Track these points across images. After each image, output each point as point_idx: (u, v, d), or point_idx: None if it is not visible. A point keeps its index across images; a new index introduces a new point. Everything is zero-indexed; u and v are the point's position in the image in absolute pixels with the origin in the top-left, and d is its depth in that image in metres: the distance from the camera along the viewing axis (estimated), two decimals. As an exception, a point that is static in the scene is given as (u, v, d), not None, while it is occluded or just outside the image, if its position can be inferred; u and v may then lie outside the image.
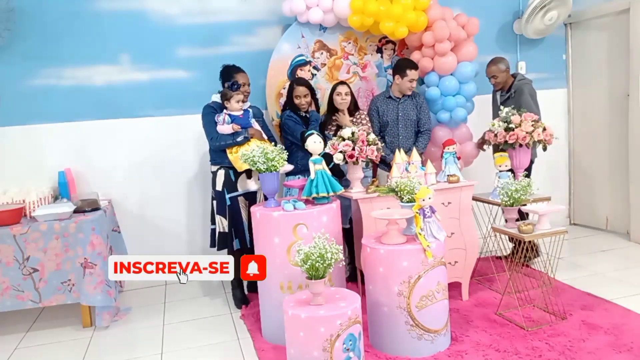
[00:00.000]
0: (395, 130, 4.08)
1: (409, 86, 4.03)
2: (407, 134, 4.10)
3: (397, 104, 4.09)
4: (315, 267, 2.53)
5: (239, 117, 3.57)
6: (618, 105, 4.81)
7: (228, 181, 3.66)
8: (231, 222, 3.65)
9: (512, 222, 3.23)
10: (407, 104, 4.10)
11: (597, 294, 3.55)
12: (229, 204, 3.65)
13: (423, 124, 4.14)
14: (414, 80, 4.01)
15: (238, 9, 4.42)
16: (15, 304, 3.46)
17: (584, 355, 2.79)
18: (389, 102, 4.11)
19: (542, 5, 4.68)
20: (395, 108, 4.09)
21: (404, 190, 2.90)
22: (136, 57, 4.25)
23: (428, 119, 4.17)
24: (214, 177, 3.71)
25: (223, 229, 3.67)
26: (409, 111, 4.09)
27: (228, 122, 3.54)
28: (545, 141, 3.66)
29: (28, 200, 3.75)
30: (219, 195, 3.68)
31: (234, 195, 3.67)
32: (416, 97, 4.16)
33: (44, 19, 4.05)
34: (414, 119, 4.11)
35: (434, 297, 2.88)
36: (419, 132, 4.15)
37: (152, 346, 3.30)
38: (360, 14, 4.03)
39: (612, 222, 5.02)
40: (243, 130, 3.55)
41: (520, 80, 4.15)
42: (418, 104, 4.13)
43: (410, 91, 4.07)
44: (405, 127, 4.09)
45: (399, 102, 4.09)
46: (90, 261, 3.49)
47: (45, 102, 4.11)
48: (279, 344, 3.04)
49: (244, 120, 3.58)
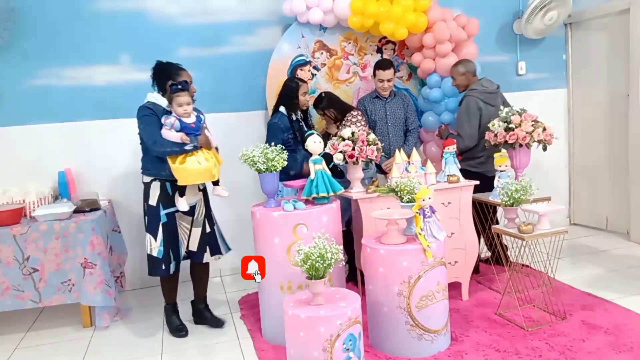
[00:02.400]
0: (384, 130, 4.09)
1: (380, 86, 4.05)
2: (396, 132, 4.11)
3: (384, 104, 4.11)
4: (315, 267, 2.53)
5: (190, 126, 3.13)
6: (618, 105, 4.81)
7: (164, 195, 3.25)
8: (167, 242, 3.25)
9: (512, 222, 3.23)
10: (394, 103, 4.11)
11: (597, 294, 3.55)
12: (164, 220, 3.24)
13: (411, 123, 4.16)
14: (384, 81, 4.00)
15: (238, 9, 4.42)
16: (15, 304, 3.46)
17: (584, 355, 2.79)
18: (376, 101, 4.12)
19: (542, 5, 4.68)
20: (382, 107, 4.10)
21: (404, 190, 2.90)
22: (136, 57, 4.25)
23: (416, 117, 4.20)
24: (146, 190, 3.28)
25: (151, 251, 3.24)
26: (397, 110, 4.11)
27: (177, 128, 3.10)
28: (545, 141, 3.66)
29: (28, 200, 3.75)
30: (153, 211, 3.24)
31: (170, 211, 3.26)
32: (402, 96, 4.19)
33: (44, 19, 4.05)
34: (402, 117, 4.13)
35: (434, 297, 2.88)
36: (408, 131, 4.17)
37: (152, 346, 3.30)
38: (360, 15, 4.03)
39: (612, 222, 5.02)
40: (193, 138, 3.12)
41: (470, 90, 3.93)
42: (405, 103, 4.16)
43: (384, 91, 4.07)
44: (395, 126, 4.11)
45: (386, 101, 4.11)
46: (90, 261, 3.49)
47: (45, 102, 4.11)
48: (279, 344, 3.04)
49: (195, 128, 3.14)
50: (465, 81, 3.98)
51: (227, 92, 4.37)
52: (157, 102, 3.25)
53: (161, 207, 3.25)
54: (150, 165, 3.26)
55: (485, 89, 3.92)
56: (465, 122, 3.88)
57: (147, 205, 3.29)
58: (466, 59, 4.06)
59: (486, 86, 3.93)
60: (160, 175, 3.24)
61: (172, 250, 3.29)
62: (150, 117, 3.19)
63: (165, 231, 3.25)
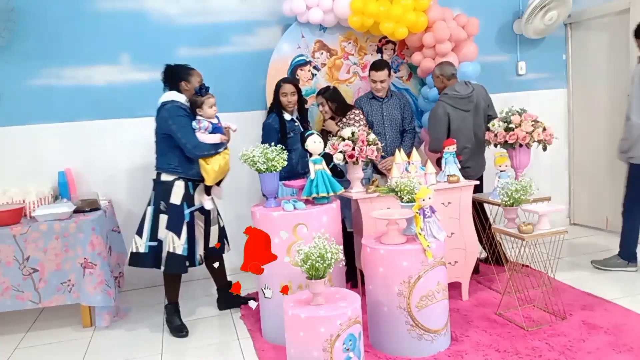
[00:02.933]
0: (381, 130, 4.08)
1: (374, 87, 4.05)
2: (393, 133, 4.10)
3: (380, 104, 4.11)
4: (315, 267, 2.53)
5: (218, 126, 3.36)
6: (618, 105, 4.81)
7: (188, 194, 3.35)
8: (190, 241, 3.36)
9: (512, 222, 3.23)
10: (390, 104, 4.11)
11: (597, 294, 3.54)
12: (188, 220, 3.33)
13: (408, 123, 4.16)
14: (377, 82, 4.00)
15: (238, 9, 4.43)
16: (15, 304, 3.45)
17: (584, 355, 2.79)
18: (373, 102, 4.12)
19: (542, 5, 4.68)
20: (379, 108, 4.10)
21: (404, 190, 2.90)
22: (136, 57, 4.25)
23: (412, 118, 4.20)
24: (167, 188, 3.32)
25: (174, 250, 3.29)
26: (393, 110, 4.11)
27: (210, 130, 3.32)
28: (545, 141, 3.66)
29: (28, 200, 3.75)
30: (176, 209, 3.30)
31: (192, 209, 3.37)
32: (399, 96, 4.19)
33: (44, 19, 4.05)
34: (398, 118, 4.12)
35: (434, 297, 2.88)
36: (404, 132, 4.17)
37: (152, 346, 3.30)
38: (360, 14, 4.03)
39: (612, 222, 5.01)
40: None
41: (442, 94, 3.89)
42: (402, 104, 4.15)
43: (378, 92, 4.07)
44: (391, 126, 4.10)
45: (383, 102, 4.11)
46: (90, 261, 3.48)
47: (45, 102, 4.11)
48: (279, 344, 3.04)
49: (221, 127, 3.38)
50: (440, 84, 3.95)
51: (227, 92, 4.36)
52: (182, 101, 3.35)
53: (185, 206, 3.33)
54: (178, 165, 3.32)
55: (457, 93, 3.84)
56: (432, 127, 3.88)
57: (167, 204, 3.32)
58: (447, 62, 4.00)
59: (458, 91, 3.86)
60: (187, 175, 3.32)
61: (191, 249, 3.40)
62: (186, 119, 3.29)
63: (189, 230, 3.35)
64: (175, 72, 3.40)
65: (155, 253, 3.36)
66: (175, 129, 3.26)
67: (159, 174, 3.39)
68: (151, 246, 3.36)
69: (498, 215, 3.92)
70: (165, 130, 3.30)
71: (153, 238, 3.36)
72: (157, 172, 3.41)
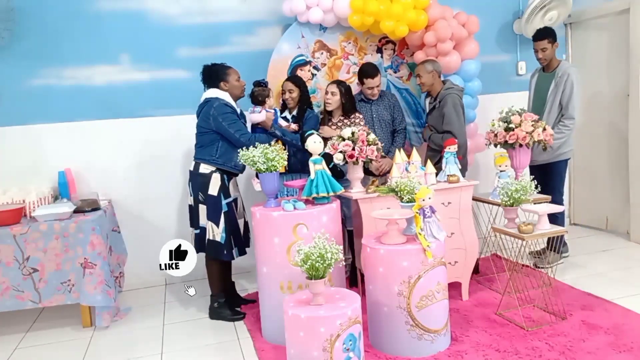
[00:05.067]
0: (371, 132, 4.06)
1: (369, 93, 4.05)
2: (383, 134, 4.08)
3: (370, 106, 4.11)
4: (315, 267, 2.53)
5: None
6: (618, 105, 4.81)
7: (224, 186, 3.50)
8: (229, 230, 3.50)
9: (512, 222, 3.23)
10: (380, 105, 4.11)
11: (597, 294, 3.54)
12: (226, 210, 3.49)
13: (398, 123, 4.16)
14: (373, 88, 4.01)
15: (238, 9, 4.42)
16: (15, 304, 3.45)
17: (584, 355, 2.79)
18: (362, 104, 4.12)
19: (542, 5, 4.68)
20: (369, 110, 4.10)
21: (404, 190, 2.90)
22: (136, 57, 4.25)
23: (402, 117, 4.19)
24: (204, 180, 3.47)
25: (213, 237, 3.47)
26: (383, 112, 4.11)
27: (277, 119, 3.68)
28: (545, 141, 3.66)
29: (28, 200, 3.75)
30: (213, 200, 3.47)
31: (230, 200, 3.52)
32: (388, 97, 4.19)
33: (44, 19, 4.05)
34: (388, 119, 4.12)
35: (434, 297, 2.88)
36: (395, 132, 4.16)
37: (152, 346, 3.30)
38: (361, 13, 4.03)
39: (612, 222, 5.02)
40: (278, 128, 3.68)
41: (447, 89, 3.86)
42: (391, 104, 4.15)
43: (373, 96, 4.07)
44: (381, 127, 4.09)
45: (372, 103, 4.11)
46: (90, 261, 3.49)
47: (45, 102, 4.11)
48: (279, 344, 3.04)
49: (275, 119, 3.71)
50: (432, 80, 3.90)
51: (227, 92, 4.37)
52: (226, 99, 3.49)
53: (222, 197, 3.47)
54: (220, 157, 3.47)
55: (460, 87, 3.93)
56: (457, 119, 3.81)
57: (206, 195, 3.47)
58: (431, 59, 4.02)
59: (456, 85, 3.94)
60: (225, 167, 3.48)
61: (235, 237, 3.53)
62: (233, 115, 3.47)
63: (227, 219, 3.48)
64: (214, 73, 3.54)
65: (200, 239, 3.53)
66: (226, 125, 3.42)
67: (197, 164, 3.51)
68: (196, 234, 3.55)
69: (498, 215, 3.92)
70: (215, 127, 3.44)
71: (193, 226, 3.57)
72: (196, 163, 3.52)
